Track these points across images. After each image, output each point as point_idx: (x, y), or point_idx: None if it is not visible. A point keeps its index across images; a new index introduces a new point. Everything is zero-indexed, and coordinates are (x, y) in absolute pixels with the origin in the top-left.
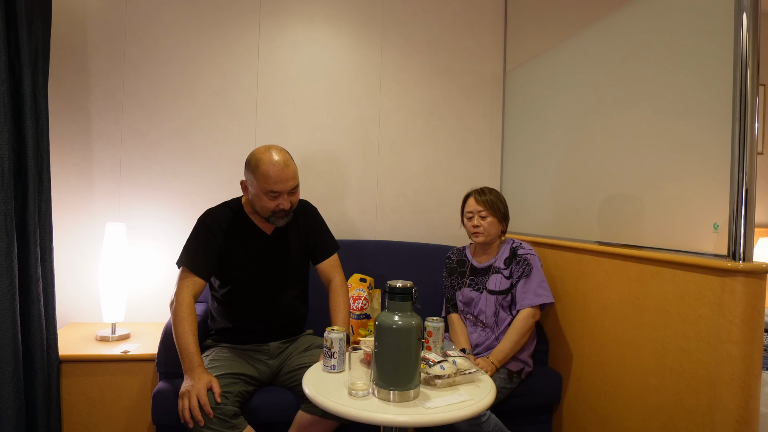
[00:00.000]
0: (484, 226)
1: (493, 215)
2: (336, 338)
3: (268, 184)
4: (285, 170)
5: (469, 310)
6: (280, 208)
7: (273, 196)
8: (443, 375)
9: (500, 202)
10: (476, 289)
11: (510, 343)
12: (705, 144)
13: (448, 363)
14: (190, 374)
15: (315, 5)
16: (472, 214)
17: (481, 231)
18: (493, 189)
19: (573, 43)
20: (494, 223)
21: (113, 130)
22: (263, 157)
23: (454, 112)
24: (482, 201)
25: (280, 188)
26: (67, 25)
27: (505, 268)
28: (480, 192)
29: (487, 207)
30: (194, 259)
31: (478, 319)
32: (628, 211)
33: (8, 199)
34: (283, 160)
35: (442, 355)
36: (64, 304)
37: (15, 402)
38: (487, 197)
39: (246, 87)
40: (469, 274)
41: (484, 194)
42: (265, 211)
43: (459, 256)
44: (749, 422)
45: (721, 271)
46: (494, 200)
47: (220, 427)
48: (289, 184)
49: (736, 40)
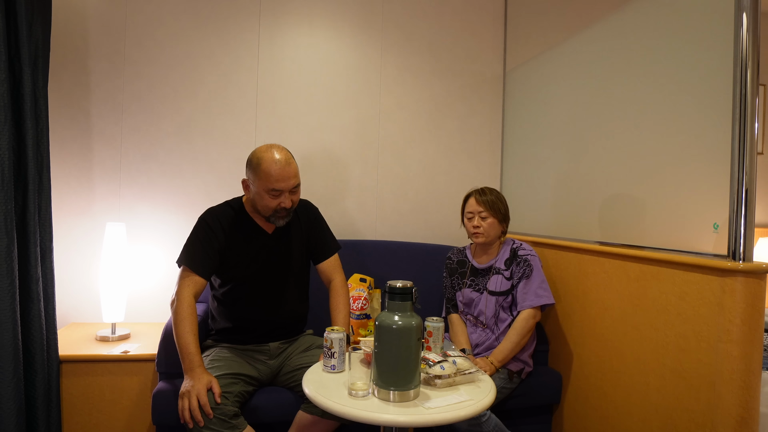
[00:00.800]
0: (485, 227)
1: (493, 216)
2: (336, 338)
3: (270, 183)
4: (287, 168)
5: (470, 310)
6: (281, 206)
7: (275, 194)
8: (443, 375)
9: (501, 203)
10: (476, 290)
11: (510, 344)
12: (705, 144)
13: (448, 363)
14: (190, 374)
15: (315, 5)
16: (472, 215)
17: (482, 232)
18: (493, 189)
19: (573, 44)
20: (494, 224)
21: (113, 130)
22: (265, 156)
23: (454, 112)
24: (483, 201)
25: (282, 186)
26: (67, 25)
27: (505, 269)
28: (480, 192)
29: (488, 208)
30: (195, 258)
31: (478, 320)
32: (628, 211)
33: (8, 199)
34: (284, 159)
35: (442, 355)
36: (64, 304)
37: (15, 402)
38: (488, 197)
39: (246, 87)
40: (470, 274)
41: (485, 194)
42: (266, 209)
43: (459, 256)
44: (749, 422)
45: (721, 271)
46: (495, 201)
47: (220, 428)
48: (291, 183)
49: (736, 40)
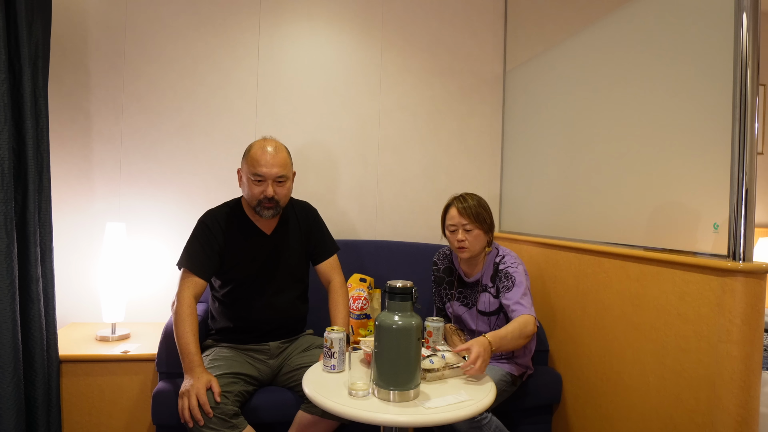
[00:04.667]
0: (470, 240)
1: (478, 227)
2: (336, 338)
3: (254, 167)
4: (273, 156)
5: (461, 326)
6: (263, 195)
7: (257, 180)
8: (432, 369)
9: (485, 211)
10: (465, 305)
11: (509, 333)
12: (705, 144)
13: (437, 357)
14: (189, 374)
15: (315, 5)
16: (455, 228)
17: (467, 246)
18: (473, 195)
19: (573, 44)
20: (480, 235)
21: (113, 130)
22: (257, 143)
23: (454, 112)
24: (465, 212)
25: (264, 172)
26: (67, 25)
27: (491, 286)
28: (461, 199)
29: (472, 219)
30: (195, 259)
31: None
32: (628, 211)
33: (8, 199)
34: (273, 148)
35: (431, 350)
36: (64, 304)
37: (15, 402)
38: (470, 204)
39: (246, 87)
40: (458, 285)
41: (466, 201)
42: (251, 198)
43: (446, 262)
44: (749, 422)
45: (721, 271)
46: (478, 209)
47: (220, 427)
48: (274, 171)
49: (736, 40)
